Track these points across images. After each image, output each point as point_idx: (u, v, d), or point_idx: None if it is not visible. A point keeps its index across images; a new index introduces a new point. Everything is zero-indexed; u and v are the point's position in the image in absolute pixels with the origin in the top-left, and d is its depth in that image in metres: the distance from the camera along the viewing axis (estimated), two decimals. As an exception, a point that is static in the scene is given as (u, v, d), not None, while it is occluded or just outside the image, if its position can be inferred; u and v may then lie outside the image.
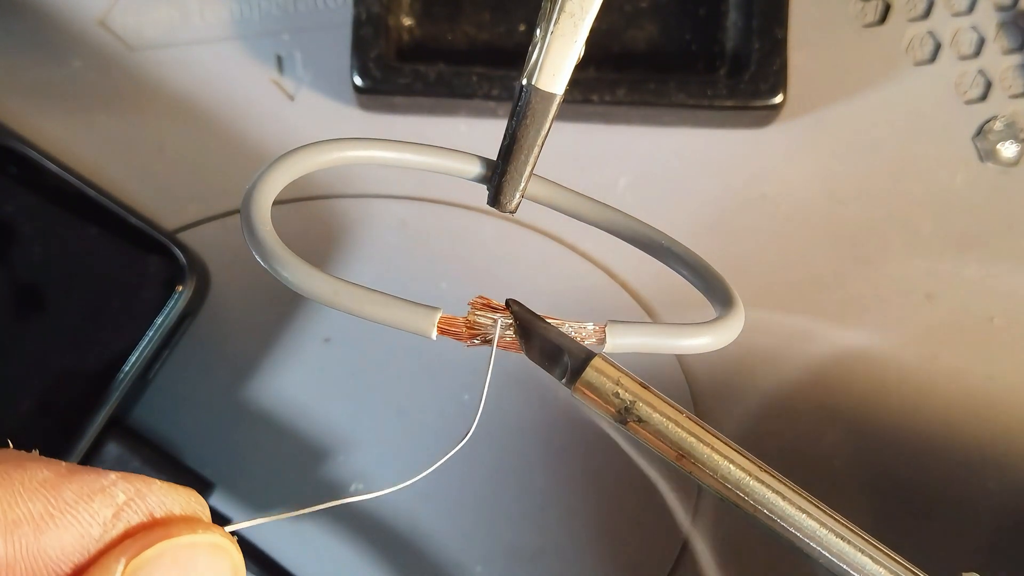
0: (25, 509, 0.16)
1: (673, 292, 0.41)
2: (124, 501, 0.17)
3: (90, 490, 0.17)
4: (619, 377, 0.21)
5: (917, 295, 0.42)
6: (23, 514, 0.16)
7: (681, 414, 0.21)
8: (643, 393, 0.21)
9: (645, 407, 0.20)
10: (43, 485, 0.16)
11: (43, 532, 0.16)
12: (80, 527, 0.16)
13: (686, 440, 0.20)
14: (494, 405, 0.41)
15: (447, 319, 0.21)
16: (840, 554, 0.20)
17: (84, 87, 0.43)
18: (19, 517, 0.16)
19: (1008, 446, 0.40)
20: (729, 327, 0.22)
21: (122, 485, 0.17)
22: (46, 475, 0.16)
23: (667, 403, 0.21)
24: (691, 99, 0.41)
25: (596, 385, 0.21)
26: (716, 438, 0.21)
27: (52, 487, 0.16)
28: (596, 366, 0.21)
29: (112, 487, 0.17)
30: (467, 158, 0.25)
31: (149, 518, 0.17)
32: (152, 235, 0.40)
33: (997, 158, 0.42)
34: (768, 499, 0.20)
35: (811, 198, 0.42)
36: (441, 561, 0.40)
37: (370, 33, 0.41)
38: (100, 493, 0.17)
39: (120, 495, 0.17)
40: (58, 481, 0.17)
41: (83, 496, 0.17)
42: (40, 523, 0.16)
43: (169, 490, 0.18)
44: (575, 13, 0.22)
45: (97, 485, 0.17)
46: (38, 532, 0.16)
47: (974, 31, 0.43)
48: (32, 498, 0.16)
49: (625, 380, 0.21)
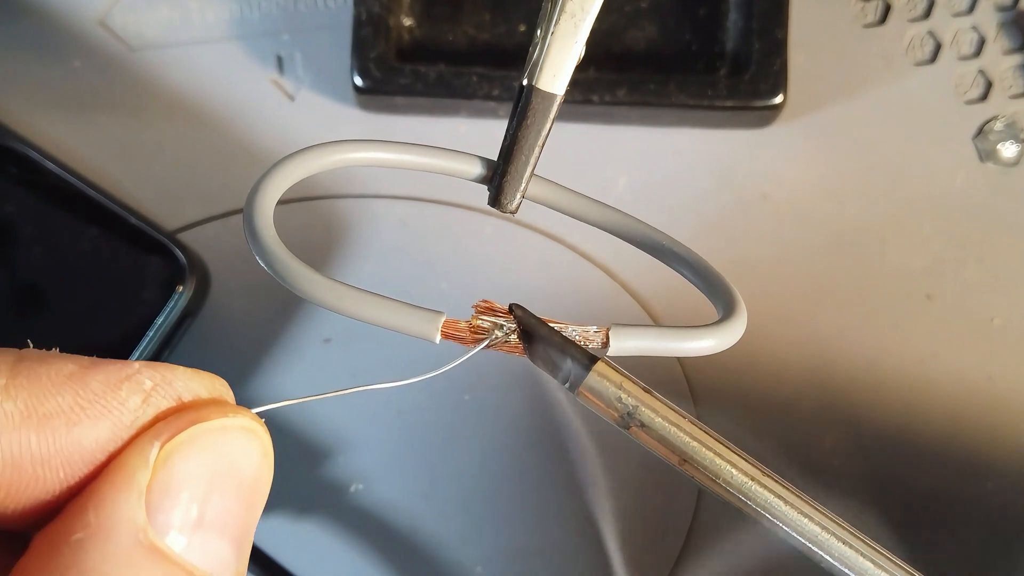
0: (54, 403, 0.16)
1: (673, 292, 0.41)
2: (151, 387, 0.17)
3: (116, 379, 0.17)
4: (622, 382, 0.21)
5: (917, 295, 0.42)
6: (53, 408, 0.16)
7: (684, 419, 0.21)
8: (646, 398, 0.21)
9: (648, 412, 0.20)
10: (70, 378, 0.16)
11: (75, 424, 0.16)
12: (111, 415, 0.17)
13: (689, 445, 0.20)
14: (494, 406, 0.41)
15: (450, 323, 0.21)
16: (842, 558, 0.20)
17: (84, 87, 0.43)
18: (49, 411, 0.16)
19: (1008, 446, 0.40)
20: (732, 329, 0.22)
21: (147, 372, 0.17)
22: (71, 368, 0.16)
23: (670, 408, 0.21)
24: (691, 99, 0.41)
25: (599, 390, 0.21)
26: (719, 443, 0.21)
27: (78, 379, 0.16)
28: (599, 371, 0.21)
29: (138, 375, 0.17)
30: (468, 159, 0.24)
31: (178, 402, 0.17)
32: (152, 235, 0.40)
33: (997, 158, 0.42)
34: (770, 504, 0.20)
35: (811, 198, 0.42)
36: (441, 561, 0.41)
37: (370, 33, 0.41)
38: (127, 381, 0.17)
39: (147, 381, 0.17)
40: (84, 373, 0.17)
41: (110, 385, 0.17)
42: (71, 415, 0.16)
43: (194, 375, 0.18)
44: (576, 13, 0.22)
45: (122, 374, 0.17)
46: (70, 424, 0.16)
47: (974, 31, 0.43)
48: (60, 391, 0.16)
49: (628, 385, 0.21)
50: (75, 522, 0.16)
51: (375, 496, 0.41)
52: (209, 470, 0.17)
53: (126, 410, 0.17)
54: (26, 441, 0.16)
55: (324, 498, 0.41)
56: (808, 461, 0.41)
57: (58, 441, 0.16)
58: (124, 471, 0.16)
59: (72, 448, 0.16)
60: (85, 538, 0.16)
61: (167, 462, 0.17)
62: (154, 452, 0.17)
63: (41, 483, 0.16)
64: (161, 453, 0.17)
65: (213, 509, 0.17)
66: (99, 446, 0.16)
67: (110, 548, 0.16)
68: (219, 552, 0.17)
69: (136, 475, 0.16)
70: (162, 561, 0.16)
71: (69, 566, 0.15)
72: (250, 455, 0.18)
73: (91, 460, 0.16)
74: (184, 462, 0.17)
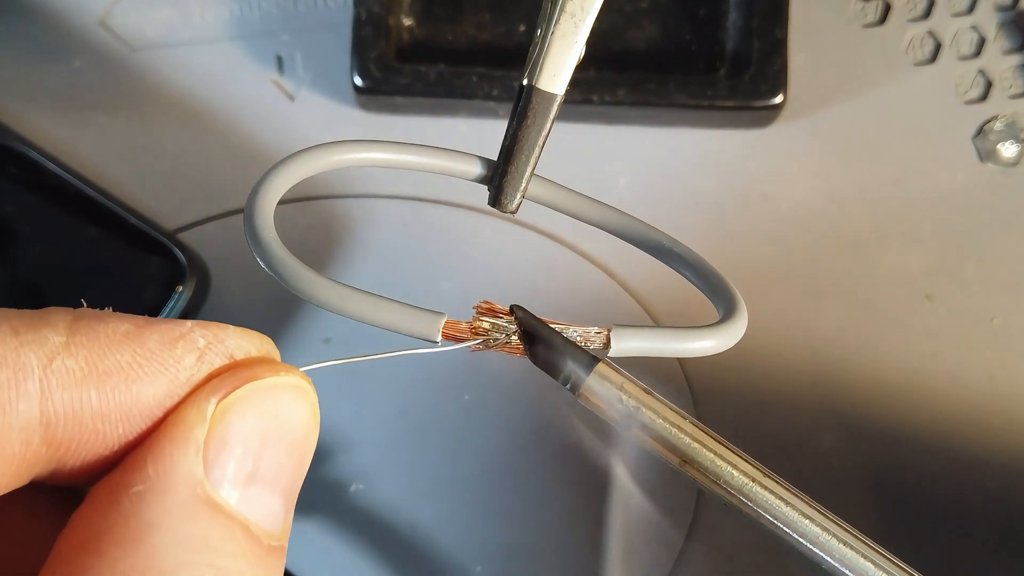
0: (113, 360, 0.17)
1: (672, 292, 0.41)
2: (204, 345, 0.18)
3: (171, 337, 0.17)
4: (622, 383, 0.21)
5: (917, 295, 0.42)
6: (112, 365, 0.16)
7: (685, 420, 0.21)
8: (646, 399, 0.21)
9: (648, 413, 0.21)
10: (127, 336, 0.17)
11: (134, 381, 0.17)
12: (168, 373, 0.17)
13: (689, 446, 0.20)
14: (495, 406, 0.41)
15: (451, 324, 0.21)
16: (842, 559, 0.20)
17: (85, 87, 0.43)
18: (109, 368, 0.16)
19: (1008, 446, 0.40)
20: (733, 330, 0.22)
21: (199, 331, 0.18)
22: (127, 327, 0.17)
23: (670, 409, 0.21)
24: (691, 99, 0.41)
25: (600, 391, 0.21)
26: (719, 444, 0.21)
27: (135, 337, 0.17)
28: (600, 372, 0.21)
29: (191, 333, 0.18)
30: (468, 159, 0.24)
31: (230, 360, 0.18)
32: (152, 235, 0.40)
33: (997, 158, 0.42)
34: (771, 505, 0.20)
35: (811, 198, 0.42)
36: (441, 561, 0.41)
37: (370, 33, 0.41)
38: (181, 339, 0.17)
39: (200, 340, 0.18)
40: (139, 332, 0.17)
41: (166, 344, 0.17)
42: (129, 372, 0.17)
43: (244, 334, 0.18)
44: (576, 13, 0.22)
45: (176, 332, 0.17)
46: (129, 381, 0.17)
47: (974, 31, 0.43)
48: (118, 349, 0.17)
49: (628, 386, 0.21)
50: (135, 475, 0.16)
51: (375, 496, 0.41)
52: (262, 426, 0.18)
53: (182, 367, 0.17)
54: (87, 397, 0.16)
55: (324, 498, 0.41)
56: (808, 461, 0.41)
57: (118, 397, 0.17)
58: (182, 426, 0.17)
59: (131, 404, 0.17)
60: (145, 490, 0.16)
61: (223, 418, 0.17)
62: (211, 408, 0.17)
63: (100, 439, 0.17)
64: (217, 409, 0.17)
65: (265, 464, 0.18)
66: (156, 402, 0.17)
67: (169, 500, 0.16)
68: (270, 506, 0.18)
69: (194, 430, 0.17)
70: (218, 514, 0.17)
71: (129, 516, 0.16)
72: (300, 412, 0.18)
73: (149, 416, 0.17)
74: (239, 418, 0.17)
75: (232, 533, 0.17)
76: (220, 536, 0.17)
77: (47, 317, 0.17)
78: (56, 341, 0.16)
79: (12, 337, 0.16)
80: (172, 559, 0.16)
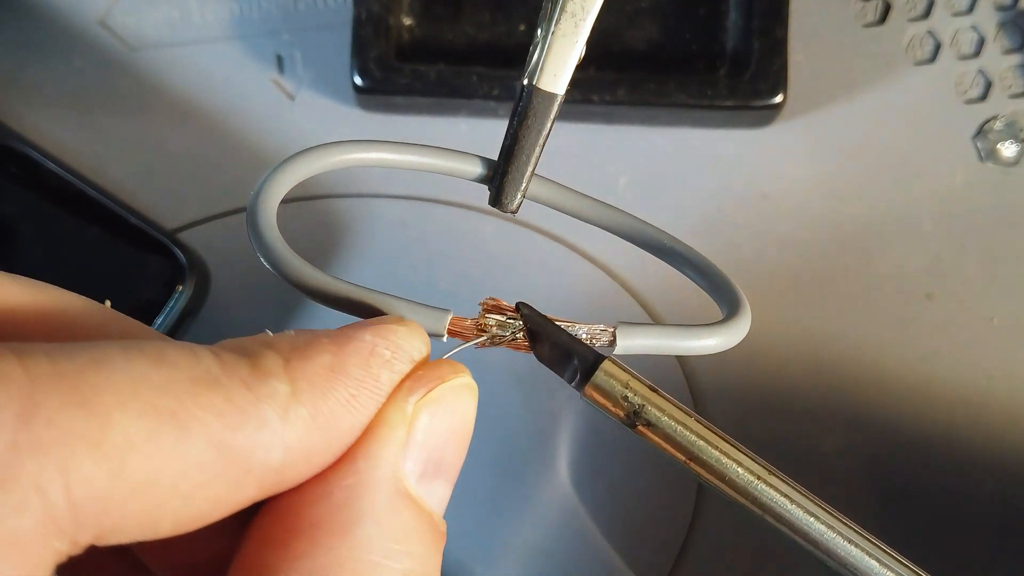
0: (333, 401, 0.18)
1: (672, 291, 0.41)
2: (390, 356, 0.19)
3: (364, 358, 0.18)
4: (628, 380, 0.21)
5: (917, 295, 0.42)
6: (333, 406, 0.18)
7: (690, 417, 0.21)
8: (652, 396, 0.21)
9: (654, 411, 0.20)
10: (332, 371, 0.18)
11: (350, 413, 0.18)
12: (374, 396, 0.19)
13: (695, 443, 0.20)
14: (495, 406, 0.41)
15: (457, 321, 0.21)
16: (847, 557, 0.20)
17: (85, 87, 0.43)
18: (331, 409, 0.18)
19: (1008, 446, 0.40)
20: (737, 328, 0.22)
21: (380, 341, 0.19)
22: (328, 360, 0.18)
23: (676, 407, 0.21)
24: (691, 99, 0.41)
25: (606, 388, 0.21)
26: (725, 441, 0.21)
27: (340, 371, 0.18)
28: (606, 369, 0.21)
29: (376, 348, 0.19)
30: (468, 158, 0.24)
31: (412, 363, 0.19)
32: (152, 235, 0.40)
33: (997, 158, 0.42)
34: (776, 502, 0.20)
35: (811, 198, 0.42)
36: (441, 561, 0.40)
37: (370, 33, 0.41)
38: (371, 357, 0.19)
39: (385, 352, 0.19)
40: (340, 363, 0.18)
41: (363, 367, 0.18)
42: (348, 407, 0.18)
43: (408, 333, 0.20)
44: (576, 13, 0.22)
45: (365, 351, 0.19)
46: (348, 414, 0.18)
47: (974, 31, 0.43)
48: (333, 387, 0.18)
49: (634, 383, 0.21)
50: (346, 469, 0.18)
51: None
52: (448, 424, 0.20)
53: (381, 385, 0.19)
54: (316, 439, 0.18)
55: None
56: (808, 460, 0.41)
57: (338, 432, 0.18)
58: (387, 427, 0.19)
59: (346, 433, 0.18)
60: (355, 484, 0.18)
61: (418, 418, 0.19)
62: (410, 408, 0.19)
63: (315, 468, 0.18)
64: (413, 410, 0.19)
65: (447, 458, 0.20)
66: (364, 424, 0.19)
67: (376, 494, 0.18)
68: (444, 495, 0.20)
69: (397, 430, 0.19)
70: (413, 506, 0.19)
71: (342, 507, 0.18)
72: (472, 409, 0.20)
73: (356, 434, 0.19)
74: (432, 418, 0.19)
75: (422, 523, 0.19)
76: (415, 527, 0.18)
77: (265, 365, 0.17)
78: (284, 391, 0.17)
79: (247, 391, 0.17)
80: (379, 548, 0.18)
